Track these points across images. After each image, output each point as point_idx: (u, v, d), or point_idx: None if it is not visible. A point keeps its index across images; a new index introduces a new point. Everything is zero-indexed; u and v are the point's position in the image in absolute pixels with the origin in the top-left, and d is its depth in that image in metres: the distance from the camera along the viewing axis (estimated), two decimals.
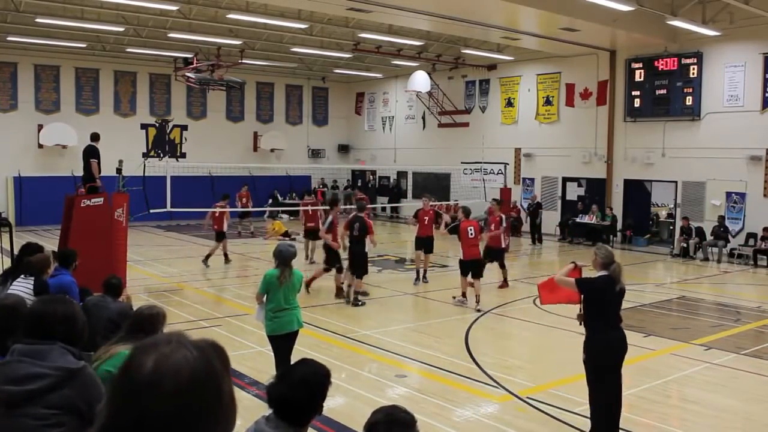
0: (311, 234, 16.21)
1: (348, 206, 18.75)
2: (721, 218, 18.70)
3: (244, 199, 21.75)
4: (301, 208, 17.56)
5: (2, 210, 22.27)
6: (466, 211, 12.87)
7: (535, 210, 21.87)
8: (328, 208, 14.26)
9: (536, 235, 21.68)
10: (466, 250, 12.20)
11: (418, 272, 14.59)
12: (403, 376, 8.29)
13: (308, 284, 12.36)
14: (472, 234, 12.17)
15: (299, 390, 2.84)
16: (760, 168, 18.43)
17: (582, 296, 6.24)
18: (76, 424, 2.73)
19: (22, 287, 6.23)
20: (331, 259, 12.71)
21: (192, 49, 23.45)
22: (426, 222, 14.71)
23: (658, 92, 20.30)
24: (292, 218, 26.72)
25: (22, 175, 24.00)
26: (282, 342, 7.05)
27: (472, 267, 12.19)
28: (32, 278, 6.45)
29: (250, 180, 26.56)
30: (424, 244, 14.55)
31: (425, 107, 27.83)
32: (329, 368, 3.07)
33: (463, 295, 12.27)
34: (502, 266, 14.00)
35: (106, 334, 4.85)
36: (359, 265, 12.05)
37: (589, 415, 6.46)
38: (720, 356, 9.21)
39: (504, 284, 13.99)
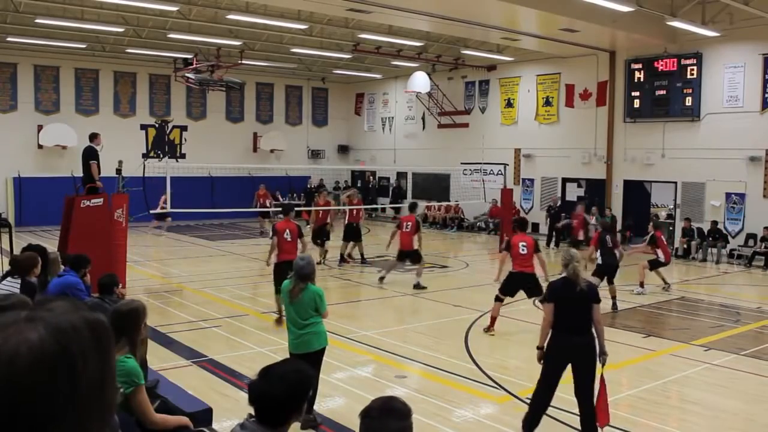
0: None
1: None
2: (714, 223, 18.71)
3: (262, 199, 23.03)
4: (347, 207, 17.79)
5: (2, 210, 22.24)
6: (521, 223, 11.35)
7: (556, 214, 21.71)
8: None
9: (555, 237, 21.49)
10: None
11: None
12: (402, 377, 8.29)
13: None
14: (524, 250, 10.40)
15: (277, 387, 2.81)
16: (760, 169, 18.43)
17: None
18: None
19: (8, 288, 6.20)
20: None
21: (192, 49, 23.44)
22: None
23: (657, 93, 20.29)
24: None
25: (21, 175, 24.00)
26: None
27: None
28: (19, 279, 6.43)
29: (249, 180, 26.61)
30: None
31: (425, 108, 27.83)
32: (313, 372, 3.06)
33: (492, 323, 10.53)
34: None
35: None
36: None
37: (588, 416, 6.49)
38: (720, 357, 9.20)
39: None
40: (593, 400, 5.96)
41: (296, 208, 16.72)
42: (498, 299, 10.42)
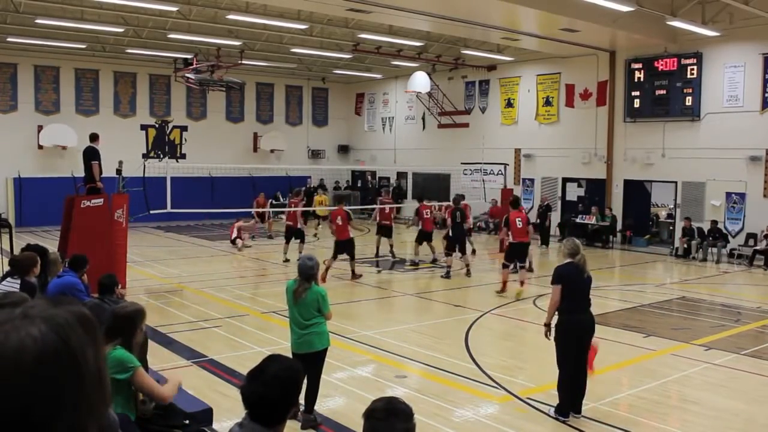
0: (384, 230, 17.87)
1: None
2: (714, 222, 18.71)
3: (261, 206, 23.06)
4: (378, 206, 18.62)
5: (2, 211, 22.22)
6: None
7: (544, 212, 21.75)
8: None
9: (545, 237, 21.49)
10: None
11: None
12: (402, 377, 8.29)
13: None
14: (520, 224, 13.29)
15: (273, 388, 2.80)
16: (760, 168, 18.42)
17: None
18: None
19: (8, 288, 6.19)
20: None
21: (192, 49, 23.45)
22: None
23: (657, 93, 20.29)
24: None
25: (21, 176, 23.99)
26: (302, 360, 5.81)
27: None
28: (19, 279, 6.42)
29: (249, 180, 26.63)
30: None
31: (425, 108, 27.82)
32: (300, 366, 3.08)
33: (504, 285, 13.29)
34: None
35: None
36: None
37: (587, 415, 6.50)
38: (720, 356, 9.20)
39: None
40: (587, 362, 6.91)
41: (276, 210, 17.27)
42: (505, 266, 13.18)
